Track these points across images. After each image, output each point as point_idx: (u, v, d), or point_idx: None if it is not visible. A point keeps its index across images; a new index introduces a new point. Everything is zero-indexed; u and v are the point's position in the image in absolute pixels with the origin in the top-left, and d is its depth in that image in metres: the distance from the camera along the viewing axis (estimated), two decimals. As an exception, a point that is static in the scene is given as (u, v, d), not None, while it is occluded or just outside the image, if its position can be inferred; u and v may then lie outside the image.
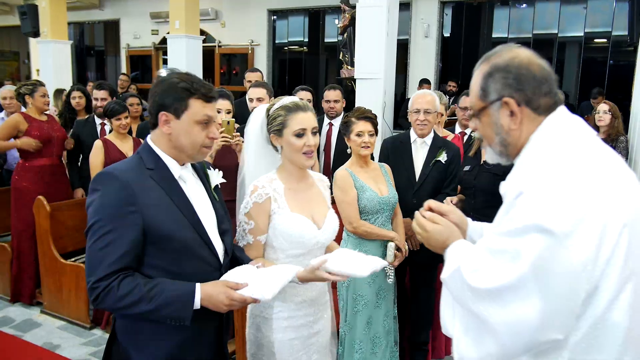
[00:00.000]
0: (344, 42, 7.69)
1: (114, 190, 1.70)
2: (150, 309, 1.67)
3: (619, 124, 4.89)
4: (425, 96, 3.54)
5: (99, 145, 4.32)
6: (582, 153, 1.33)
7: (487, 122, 1.48)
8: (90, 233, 1.70)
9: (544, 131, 1.39)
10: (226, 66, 12.19)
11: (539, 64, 1.42)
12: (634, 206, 1.30)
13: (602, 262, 1.23)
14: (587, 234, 1.21)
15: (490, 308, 1.29)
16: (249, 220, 2.13)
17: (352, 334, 3.08)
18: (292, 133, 2.13)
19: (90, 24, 13.80)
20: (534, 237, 1.22)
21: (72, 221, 4.61)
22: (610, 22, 8.61)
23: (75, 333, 4.28)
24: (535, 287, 1.23)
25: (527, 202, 1.27)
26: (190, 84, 1.78)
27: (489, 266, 1.30)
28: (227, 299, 1.74)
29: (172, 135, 1.80)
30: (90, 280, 1.66)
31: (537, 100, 1.39)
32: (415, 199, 3.47)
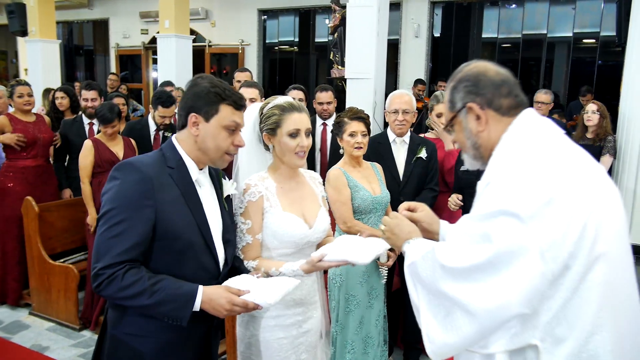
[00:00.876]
0: (335, 42, 7.70)
1: (134, 181, 1.72)
2: (150, 304, 1.68)
3: (607, 123, 4.93)
4: (403, 96, 3.61)
5: (88, 145, 4.28)
6: (548, 146, 1.45)
7: (458, 130, 1.63)
8: (103, 220, 1.71)
9: (513, 130, 1.51)
10: (216, 66, 12.15)
11: (495, 70, 1.57)
12: (601, 195, 1.41)
13: (569, 243, 1.32)
14: (551, 216, 1.31)
15: (463, 287, 1.40)
16: (246, 219, 2.12)
17: (344, 334, 3.08)
18: (286, 133, 2.13)
19: (79, 23, 13.70)
20: (502, 220, 1.34)
21: (60, 222, 4.58)
22: (598, 22, 8.68)
23: (65, 335, 4.25)
24: (504, 266, 1.33)
25: (494, 190, 1.40)
26: (222, 90, 1.83)
27: (461, 248, 1.42)
28: (228, 303, 1.74)
29: (199, 137, 1.84)
30: (96, 266, 1.67)
31: (498, 102, 1.53)
32: (402, 197, 3.51)
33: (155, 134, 4.69)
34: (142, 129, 4.73)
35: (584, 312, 1.35)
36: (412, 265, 1.59)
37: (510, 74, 1.59)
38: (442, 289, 1.46)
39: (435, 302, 1.50)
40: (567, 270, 1.33)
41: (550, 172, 1.37)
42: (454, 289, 1.42)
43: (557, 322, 1.36)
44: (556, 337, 1.36)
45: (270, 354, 2.18)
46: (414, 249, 1.65)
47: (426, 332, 1.51)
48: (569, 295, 1.34)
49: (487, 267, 1.36)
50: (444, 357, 1.51)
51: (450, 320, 1.45)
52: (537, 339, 1.37)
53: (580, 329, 1.35)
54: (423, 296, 1.54)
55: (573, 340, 1.36)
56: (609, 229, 1.38)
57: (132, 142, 4.49)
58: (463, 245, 1.43)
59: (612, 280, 1.37)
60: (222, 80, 1.90)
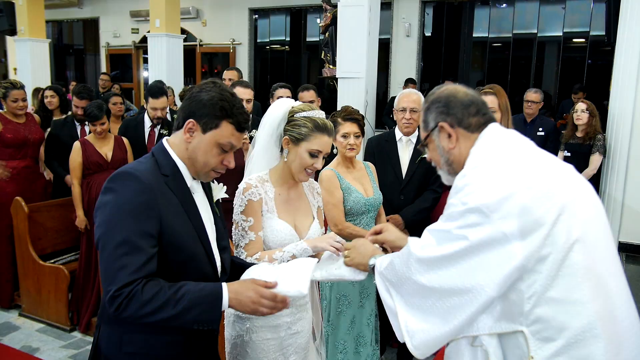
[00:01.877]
0: (326, 41, 7.70)
1: (135, 192, 1.60)
2: (176, 313, 1.55)
3: (596, 122, 4.97)
4: (411, 95, 3.58)
5: (77, 147, 4.26)
6: (508, 150, 1.59)
7: (432, 148, 1.75)
8: (107, 237, 1.57)
9: (479, 143, 1.64)
10: (207, 65, 12.11)
11: (464, 91, 1.70)
12: (571, 189, 1.52)
13: (537, 231, 1.41)
14: (512, 208, 1.42)
15: (438, 275, 1.50)
16: (247, 217, 2.11)
17: (335, 334, 3.08)
18: (308, 149, 2.12)
19: (69, 22, 13.61)
20: (469, 217, 1.46)
21: (51, 222, 4.55)
22: (588, 22, 8.74)
23: (55, 336, 4.22)
24: (474, 255, 1.45)
25: (460, 192, 1.51)
26: (230, 106, 1.71)
27: (435, 242, 1.54)
28: (256, 294, 1.65)
29: (190, 146, 1.73)
30: (111, 289, 1.52)
31: (467, 120, 1.66)
32: (403, 196, 3.54)
33: (150, 130, 4.69)
34: (137, 126, 4.73)
35: (566, 298, 1.41)
36: (387, 269, 1.70)
37: (478, 94, 1.72)
38: (419, 282, 1.55)
39: (412, 299, 1.59)
40: (541, 257, 1.41)
41: (509, 170, 1.50)
42: (431, 279, 1.52)
43: (541, 308, 1.42)
44: (540, 323, 1.43)
45: (256, 355, 2.15)
46: (382, 259, 1.78)
47: (406, 330, 1.59)
48: (549, 282, 1.41)
49: (460, 255, 1.47)
50: (427, 350, 1.56)
51: (429, 312, 1.53)
52: (523, 325, 1.44)
53: (563, 314, 1.41)
54: (399, 298, 1.64)
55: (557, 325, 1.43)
56: (580, 217, 1.47)
57: (124, 141, 4.48)
58: (437, 240, 1.54)
59: (591, 265, 1.44)
60: (235, 95, 1.77)
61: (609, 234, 1.57)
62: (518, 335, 1.46)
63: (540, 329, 1.43)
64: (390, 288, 1.67)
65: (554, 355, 1.41)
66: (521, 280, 1.43)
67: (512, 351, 1.48)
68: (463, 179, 1.54)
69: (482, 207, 1.44)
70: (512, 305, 1.45)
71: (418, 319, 1.57)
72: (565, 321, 1.41)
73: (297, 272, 1.82)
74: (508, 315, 1.47)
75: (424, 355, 1.58)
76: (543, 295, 1.42)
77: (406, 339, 1.59)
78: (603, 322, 1.41)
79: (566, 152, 5.11)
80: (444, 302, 1.50)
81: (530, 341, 1.44)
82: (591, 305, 1.41)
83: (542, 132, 5.45)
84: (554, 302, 1.41)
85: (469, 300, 1.46)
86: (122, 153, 4.43)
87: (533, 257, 1.41)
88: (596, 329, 1.40)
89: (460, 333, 1.53)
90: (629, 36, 4.71)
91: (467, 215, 1.46)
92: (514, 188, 1.44)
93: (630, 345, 1.45)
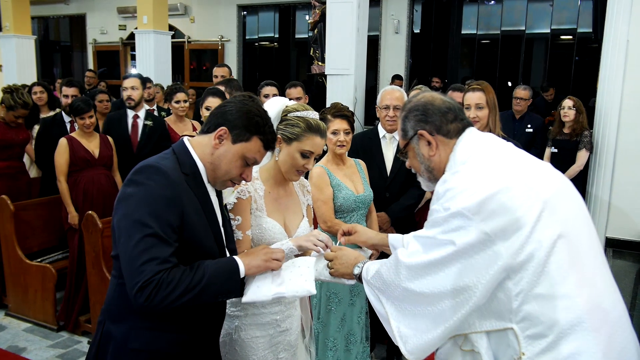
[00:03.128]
0: (315, 38, 7.67)
1: (161, 186, 1.63)
2: (201, 290, 1.61)
3: (583, 119, 4.99)
4: (394, 92, 3.57)
5: (63, 143, 4.21)
6: (485, 153, 1.61)
7: (412, 156, 1.77)
8: (135, 229, 1.58)
9: (457, 149, 1.67)
10: (196, 62, 12.04)
11: (441, 98, 1.73)
12: (550, 186, 1.54)
13: (519, 229, 1.43)
14: (493, 209, 1.44)
15: (427, 280, 1.52)
16: (235, 216, 2.10)
17: (325, 332, 3.07)
18: (300, 150, 2.11)
19: (55, 19, 13.49)
20: (452, 222, 1.48)
21: (37, 221, 4.50)
22: (575, 19, 8.79)
23: (42, 335, 4.18)
24: (461, 259, 1.47)
25: (442, 198, 1.54)
26: (264, 123, 1.78)
27: (422, 249, 1.56)
28: (265, 254, 1.79)
29: (217, 152, 1.76)
30: (140, 280, 1.54)
31: (446, 127, 1.69)
32: (388, 193, 3.53)
33: (133, 121, 4.71)
34: (120, 119, 4.76)
35: (552, 293, 1.42)
36: (374, 277, 1.71)
37: (454, 101, 1.76)
38: (409, 288, 1.56)
39: (402, 305, 1.61)
40: (526, 255, 1.43)
41: (488, 173, 1.53)
42: (421, 285, 1.53)
43: (529, 305, 1.44)
44: (529, 320, 1.44)
45: (245, 354, 2.15)
46: (367, 267, 1.80)
47: (399, 335, 1.60)
48: (535, 279, 1.43)
49: (447, 260, 1.49)
50: (421, 354, 1.57)
51: (421, 316, 1.55)
52: (513, 322, 1.46)
53: (551, 310, 1.42)
54: (389, 304, 1.65)
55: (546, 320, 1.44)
56: (561, 213, 1.49)
57: (109, 139, 4.46)
58: (423, 247, 1.56)
59: (575, 260, 1.46)
60: (267, 113, 1.84)
61: (591, 227, 1.59)
62: (508, 333, 1.47)
63: (529, 325, 1.44)
64: (380, 295, 1.69)
65: (545, 350, 1.42)
66: (508, 278, 1.45)
67: (503, 351, 1.49)
68: (444, 184, 1.57)
69: (463, 210, 1.46)
70: (500, 303, 1.47)
71: (410, 324, 1.58)
72: (553, 316, 1.41)
73: (299, 271, 1.85)
74: (497, 313, 1.48)
75: (419, 358, 1.59)
76: (530, 292, 1.43)
77: (399, 344, 1.60)
78: (591, 315, 1.42)
79: (553, 148, 5.13)
80: (435, 306, 1.51)
81: (521, 338, 1.45)
82: (578, 299, 1.42)
83: (531, 129, 5.48)
84: (542, 298, 1.42)
85: (459, 303, 1.48)
86: (109, 150, 4.41)
87: (518, 255, 1.43)
88: (585, 323, 1.40)
89: (452, 334, 1.54)
90: (616, 33, 4.74)
91: (450, 220, 1.49)
92: (494, 189, 1.46)
93: (620, 336, 1.46)
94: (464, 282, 1.46)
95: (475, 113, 3.09)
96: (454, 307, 1.48)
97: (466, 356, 1.56)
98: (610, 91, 4.84)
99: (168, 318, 1.73)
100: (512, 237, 1.43)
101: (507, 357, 1.48)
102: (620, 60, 4.75)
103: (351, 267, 1.89)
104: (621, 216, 4.90)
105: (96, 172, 4.32)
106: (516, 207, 1.44)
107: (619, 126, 4.81)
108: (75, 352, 3.94)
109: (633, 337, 1.50)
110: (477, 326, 1.51)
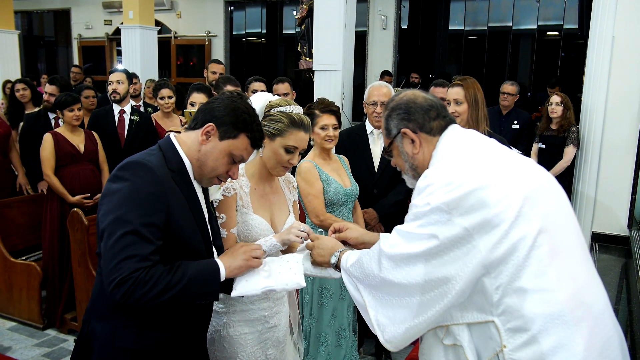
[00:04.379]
0: (302, 34, 7.66)
1: (147, 182, 1.61)
2: (180, 289, 1.60)
3: (570, 114, 5.03)
4: (382, 88, 3.57)
5: (48, 138, 4.16)
6: (466, 149, 1.62)
7: (397, 154, 1.78)
8: (117, 224, 1.57)
9: (439, 146, 1.68)
10: (183, 58, 11.95)
11: (422, 96, 1.74)
12: (530, 181, 1.55)
13: (505, 226, 1.43)
14: (473, 205, 1.45)
15: (408, 271, 1.53)
16: (220, 214, 2.09)
17: (317, 327, 3.08)
18: (283, 145, 2.09)
19: (39, 13, 13.31)
20: (432, 216, 1.49)
21: (22, 218, 4.46)
22: (561, 15, 8.85)
23: (28, 334, 4.14)
24: (441, 253, 1.48)
25: (422, 193, 1.55)
26: (251, 121, 1.78)
27: (402, 242, 1.56)
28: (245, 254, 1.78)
29: (204, 148, 1.75)
30: (117, 276, 1.53)
31: (429, 125, 1.70)
32: (376, 189, 3.52)
33: (120, 116, 4.69)
34: (106, 114, 4.73)
35: (533, 287, 1.43)
36: (354, 266, 1.71)
37: (437, 98, 1.77)
38: (387, 278, 1.57)
39: (380, 295, 1.62)
40: (506, 249, 1.43)
41: (468, 168, 1.54)
42: (399, 276, 1.54)
43: (509, 298, 1.45)
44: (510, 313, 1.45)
45: (234, 350, 2.14)
46: (347, 256, 1.80)
47: (377, 324, 1.61)
48: (515, 273, 1.43)
49: (428, 253, 1.49)
50: (399, 343, 1.59)
51: (399, 307, 1.56)
52: (494, 315, 1.47)
53: (532, 303, 1.42)
54: (367, 293, 1.66)
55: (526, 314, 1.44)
56: (542, 207, 1.50)
57: (94, 134, 4.42)
58: (405, 239, 1.56)
59: (556, 253, 1.46)
60: (255, 112, 1.85)
61: (574, 222, 1.60)
62: (490, 326, 1.48)
63: (510, 318, 1.44)
64: (357, 284, 1.70)
65: (526, 343, 1.42)
66: (488, 273, 1.45)
67: (485, 344, 1.50)
68: (425, 179, 1.58)
69: (442, 205, 1.47)
70: (481, 296, 1.48)
71: (388, 313, 1.59)
72: (534, 310, 1.42)
73: (288, 265, 1.86)
74: (478, 306, 1.49)
75: (397, 348, 1.60)
76: (510, 286, 1.44)
77: (377, 332, 1.61)
78: (572, 309, 1.42)
79: (541, 144, 5.17)
80: (413, 297, 1.53)
81: (502, 331, 1.45)
82: (559, 293, 1.43)
83: (517, 125, 5.50)
84: (522, 292, 1.43)
85: (438, 295, 1.49)
86: (94, 145, 4.37)
87: (496, 250, 1.43)
88: (565, 316, 1.41)
89: (431, 325, 1.55)
90: (601, 29, 4.77)
91: (430, 215, 1.50)
92: (473, 185, 1.47)
93: (602, 329, 1.46)
94: (443, 275, 1.47)
95: (454, 108, 3.07)
96: (434, 299, 1.49)
97: (448, 351, 1.56)
98: (596, 87, 4.87)
99: (154, 316, 1.71)
100: (490, 233, 1.44)
101: (489, 350, 1.49)
102: (606, 56, 4.77)
103: (328, 256, 1.90)
104: (607, 211, 4.94)
105: (82, 168, 4.28)
106: (495, 202, 1.45)
107: (605, 122, 4.84)
108: (62, 351, 3.90)
109: (616, 330, 1.51)
110: (459, 318, 1.52)
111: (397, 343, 1.58)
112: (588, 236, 4.93)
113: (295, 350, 2.48)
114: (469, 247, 1.45)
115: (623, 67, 4.74)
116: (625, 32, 4.71)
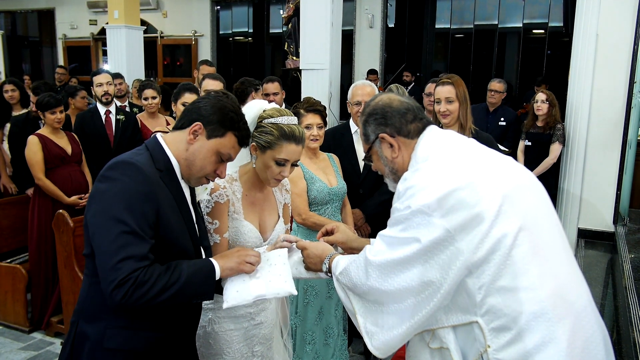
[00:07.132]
0: (289, 33, 7.63)
1: (137, 181, 1.60)
2: (179, 288, 1.61)
3: (556, 112, 5.06)
4: (365, 88, 3.56)
5: (35, 141, 4.09)
6: (449, 150, 1.63)
7: (376, 159, 1.79)
8: (110, 225, 1.55)
9: (419, 147, 1.69)
10: (169, 58, 11.88)
11: (398, 100, 1.74)
12: (510, 180, 1.55)
13: (485, 225, 1.44)
14: (452, 206, 1.45)
15: (394, 279, 1.52)
16: (213, 219, 2.08)
17: (303, 326, 3.07)
18: (274, 158, 2.05)
19: (22, 13, 13.17)
20: (413, 220, 1.50)
21: (6, 220, 4.41)
22: (546, 13, 8.91)
23: (13, 337, 4.09)
24: (425, 256, 1.48)
25: (403, 196, 1.56)
26: (238, 120, 1.79)
27: (386, 248, 1.57)
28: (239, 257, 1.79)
29: (192, 147, 1.75)
30: (117, 277, 1.52)
31: (406, 128, 1.70)
32: (362, 189, 3.51)
33: (106, 117, 4.67)
34: (92, 116, 4.72)
35: (515, 286, 1.43)
36: (342, 274, 1.71)
37: (413, 100, 1.77)
38: (374, 286, 1.57)
39: (368, 303, 1.62)
40: (487, 249, 1.44)
41: (447, 169, 1.54)
42: (386, 283, 1.54)
43: (492, 297, 1.45)
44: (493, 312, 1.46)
45: (219, 347, 2.14)
46: (337, 261, 1.79)
47: (365, 331, 1.62)
48: (497, 272, 1.44)
49: (412, 257, 1.50)
50: (388, 350, 1.59)
51: (387, 313, 1.56)
52: (478, 316, 1.47)
53: (514, 302, 1.43)
54: (356, 301, 1.66)
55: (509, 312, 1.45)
56: (522, 205, 1.51)
57: (74, 136, 4.39)
58: (388, 245, 1.57)
59: (537, 251, 1.47)
60: (241, 110, 1.85)
61: (554, 219, 1.61)
62: (474, 327, 1.48)
63: (493, 317, 1.45)
64: (347, 291, 1.70)
65: (510, 342, 1.43)
66: (470, 273, 1.46)
67: (470, 345, 1.50)
68: (404, 182, 1.58)
69: (423, 207, 1.48)
70: (464, 297, 1.48)
71: (376, 321, 1.59)
72: (517, 308, 1.43)
73: (277, 270, 1.86)
74: (462, 307, 1.50)
75: (385, 354, 1.60)
76: (493, 285, 1.44)
77: (366, 339, 1.61)
78: (555, 306, 1.43)
79: (527, 141, 5.19)
80: (401, 303, 1.53)
81: (486, 331, 1.46)
82: (541, 291, 1.43)
83: (504, 122, 5.53)
84: (504, 291, 1.44)
85: (424, 299, 1.49)
86: (78, 147, 4.34)
87: (478, 250, 1.44)
88: (548, 314, 1.42)
89: (419, 330, 1.55)
90: (585, 27, 4.80)
91: (411, 218, 1.50)
92: (453, 185, 1.47)
93: (585, 325, 1.47)
94: (428, 279, 1.48)
95: (446, 107, 3.08)
96: (420, 303, 1.50)
97: (435, 354, 1.57)
98: (581, 85, 4.90)
99: (144, 317, 1.71)
100: (472, 233, 1.44)
101: (474, 351, 1.49)
102: (590, 54, 4.81)
103: (319, 264, 1.90)
104: (592, 207, 4.98)
105: (72, 169, 4.25)
106: (475, 202, 1.45)
107: (590, 119, 4.88)
108: (48, 354, 3.86)
109: (599, 326, 1.51)
110: (444, 321, 1.53)
111: (385, 349, 1.59)
112: (574, 232, 4.97)
113: (285, 351, 2.47)
114: (453, 249, 1.45)
115: (607, 64, 4.78)
116: (609, 30, 4.75)
